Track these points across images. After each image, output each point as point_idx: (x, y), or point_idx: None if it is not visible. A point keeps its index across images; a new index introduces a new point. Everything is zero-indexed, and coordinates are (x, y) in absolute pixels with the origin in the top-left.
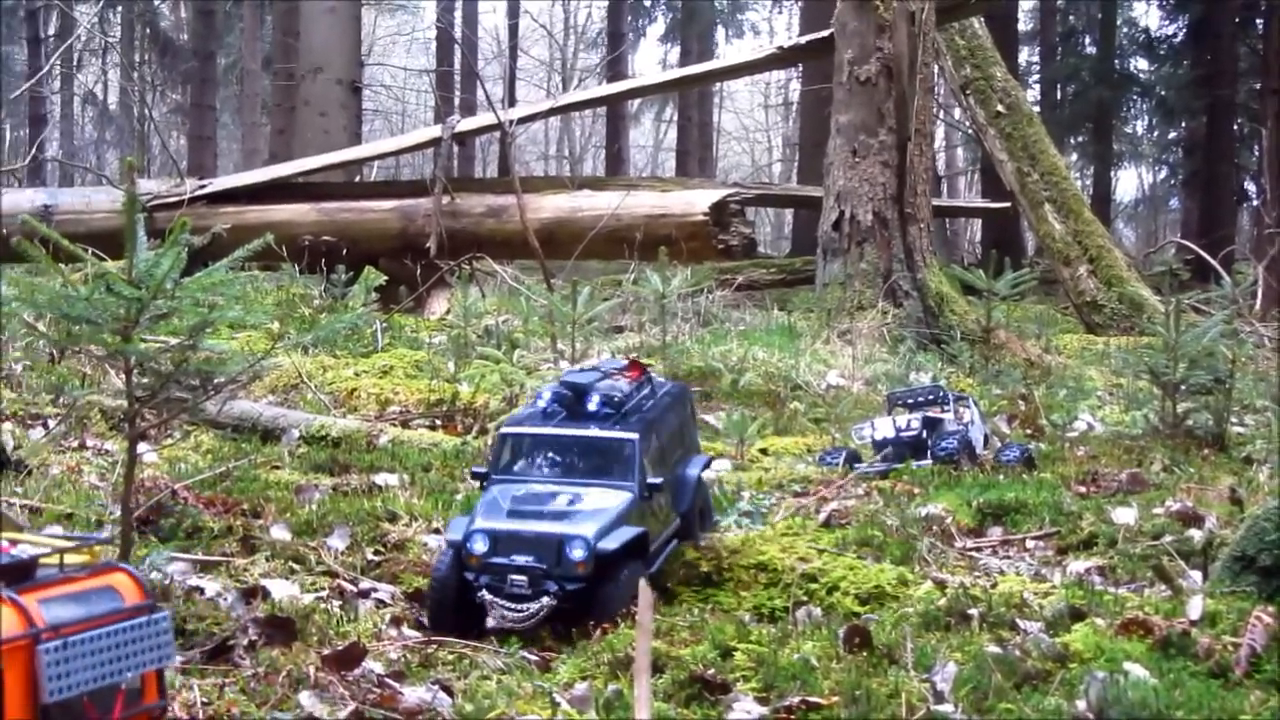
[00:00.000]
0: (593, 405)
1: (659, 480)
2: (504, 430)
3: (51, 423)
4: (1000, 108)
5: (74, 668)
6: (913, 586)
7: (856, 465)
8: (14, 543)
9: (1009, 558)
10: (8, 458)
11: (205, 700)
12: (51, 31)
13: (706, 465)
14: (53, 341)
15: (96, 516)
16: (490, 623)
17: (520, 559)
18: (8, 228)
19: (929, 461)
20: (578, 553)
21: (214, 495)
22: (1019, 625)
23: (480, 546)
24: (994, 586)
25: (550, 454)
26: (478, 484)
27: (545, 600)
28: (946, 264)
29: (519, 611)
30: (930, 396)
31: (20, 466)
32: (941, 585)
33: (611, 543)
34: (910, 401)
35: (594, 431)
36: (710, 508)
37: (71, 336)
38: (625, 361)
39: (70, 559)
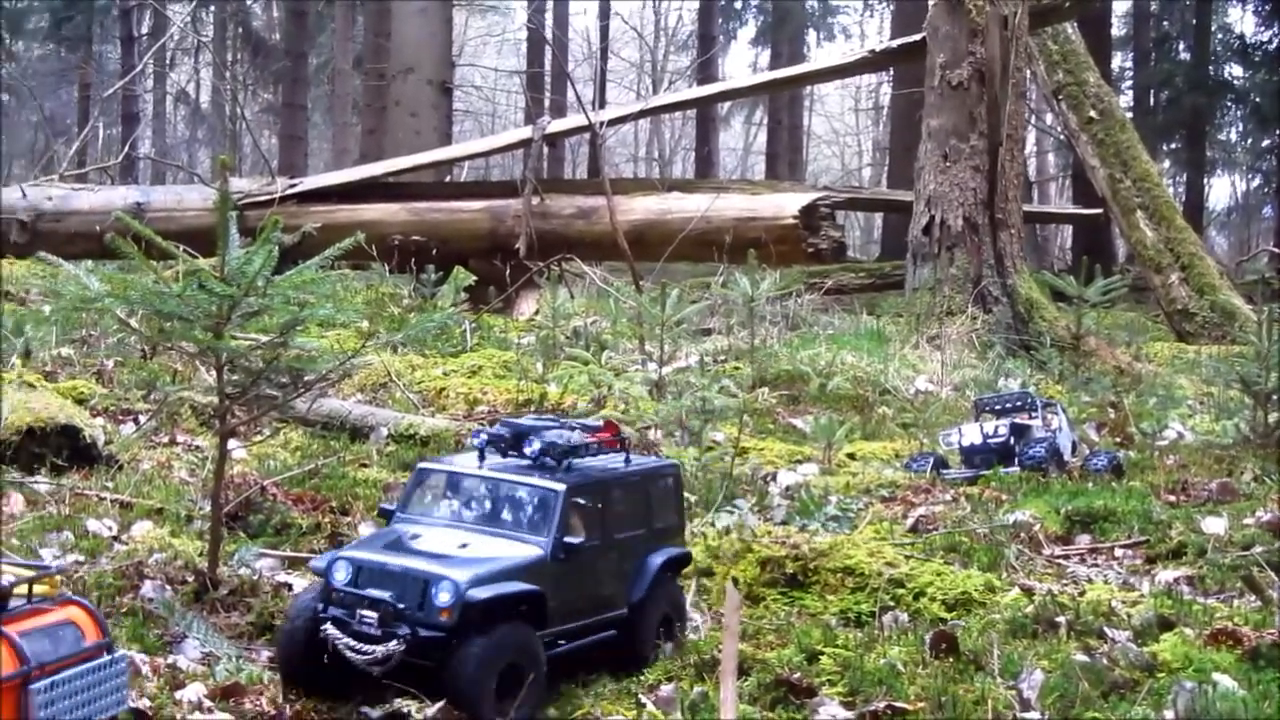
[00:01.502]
0: (529, 451)
1: (578, 541)
2: (419, 465)
3: (143, 418)
4: (1093, 113)
5: (60, 710)
6: (1000, 593)
7: (943, 471)
8: None
9: (1097, 566)
10: (99, 452)
11: (292, 698)
12: (145, 30)
13: (680, 563)
14: (145, 338)
15: (186, 512)
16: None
17: (377, 593)
18: (102, 225)
19: (1016, 468)
20: (443, 596)
21: (302, 492)
22: (1107, 634)
23: (340, 575)
24: (1082, 594)
25: (466, 496)
26: (384, 522)
27: (393, 645)
28: (1036, 270)
29: (363, 654)
30: (1018, 403)
31: (111, 461)
32: (1029, 592)
33: (485, 592)
34: (998, 407)
35: (510, 475)
36: (682, 615)
37: (164, 333)
38: (599, 423)
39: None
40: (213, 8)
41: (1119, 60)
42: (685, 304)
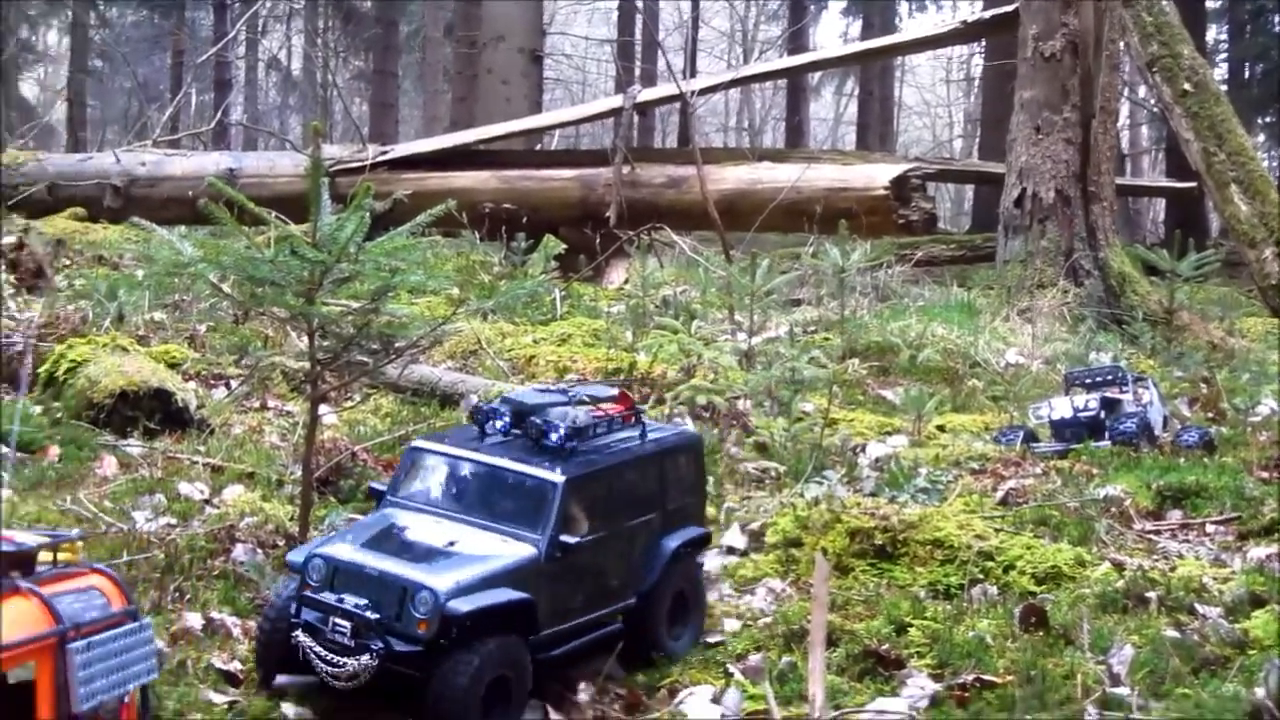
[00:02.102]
0: (533, 432)
1: (576, 540)
2: (412, 445)
3: (234, 383)
4: (1187, 86)
5: (95, 673)
6: (1090, 567)
7: (1033, 445)
8: None
9: (1188, 541)
10: (191, 416)
11: None
12: None
13: (699, 544)
14: (237, 303)
15: (277, 476)
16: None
17: (352, 600)
18: (194, 190)
19: (1107, 443)
20: (421, 608)
21: (393, 458)
22: (1198, 610)
23: (316, 576)
24: (1173, 570)
25: (460, 482)
26: (374, 503)
27: (365, 660)
28: (1129, 244)
29: (334, 667)
30: (1109, 377)
31: (203, 425)
32: (1119, 567)
33: (466, 604)
34: (1088, 381)
35: (507, 462)
36: (701, 605)
37: (255, 298)
38: (614, 391)
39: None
40: None
41: (1214, 33)
42: (775, 274)
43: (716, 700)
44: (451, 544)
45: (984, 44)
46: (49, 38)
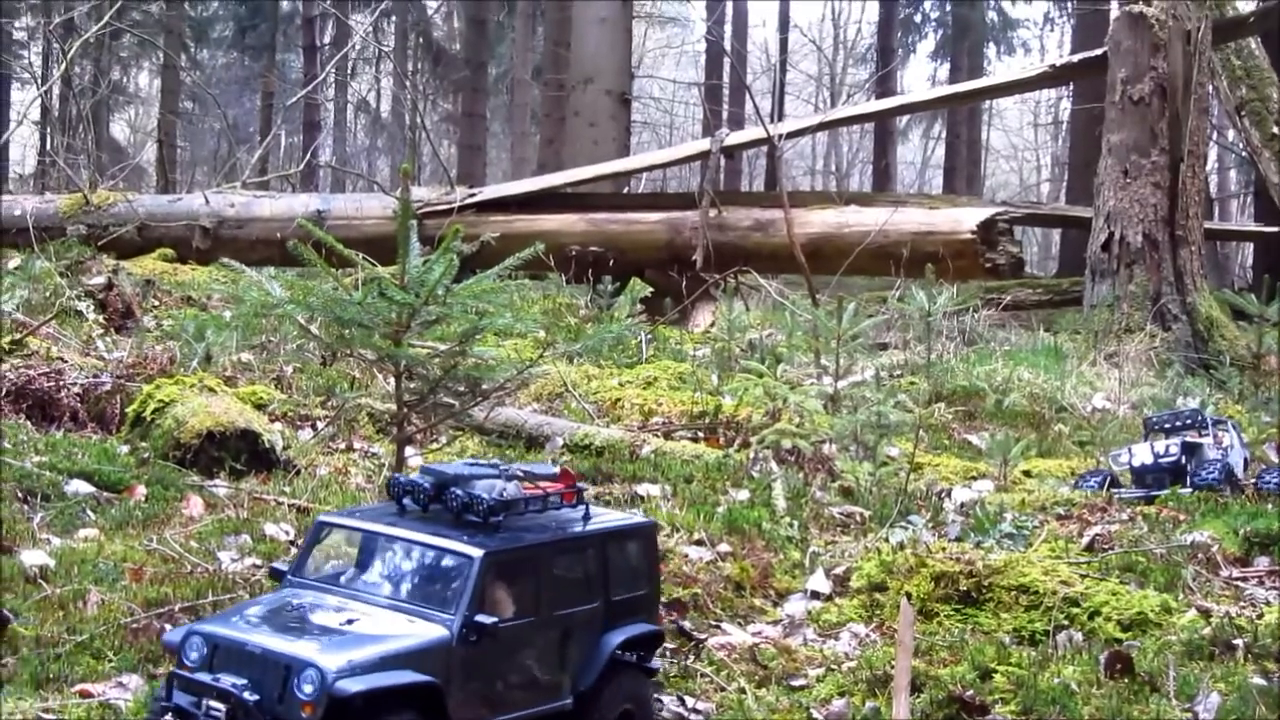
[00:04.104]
0: (453, 505)
1: (494, 621)
2: (319, 518)
3: (320, 424)
4: (1276, 130)
5: None
6: (1176, 614)
7: (1116, 490)
8: None
9: (1276, 588)
10: (277, 457)
11: None
12: (327, 40)
13: (649, 642)
14: (324, 344)
15: None
16: None
17: (229, 680)
18: (283, 232)
19: (1189, 490)
20: (306, 688)
21: None
22: None
23: (194, 654)
24: (1260, 617)
25: (369, 559)
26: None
27: None
28: (1217, 288)
29: None
30: (1189, 420)
31: (289, 466)
32: (1206, 614)
33: (358, 685)
34: (1168, 426)
35: (421, 535)
36: (647, 711)
37: (343, 339)
38: (554, 469)
39: None
40: (394, 17)
41: None
42: (861, 318)
43: None
44: (350, 622)
45: (1072, 87)
46: (140, 79)
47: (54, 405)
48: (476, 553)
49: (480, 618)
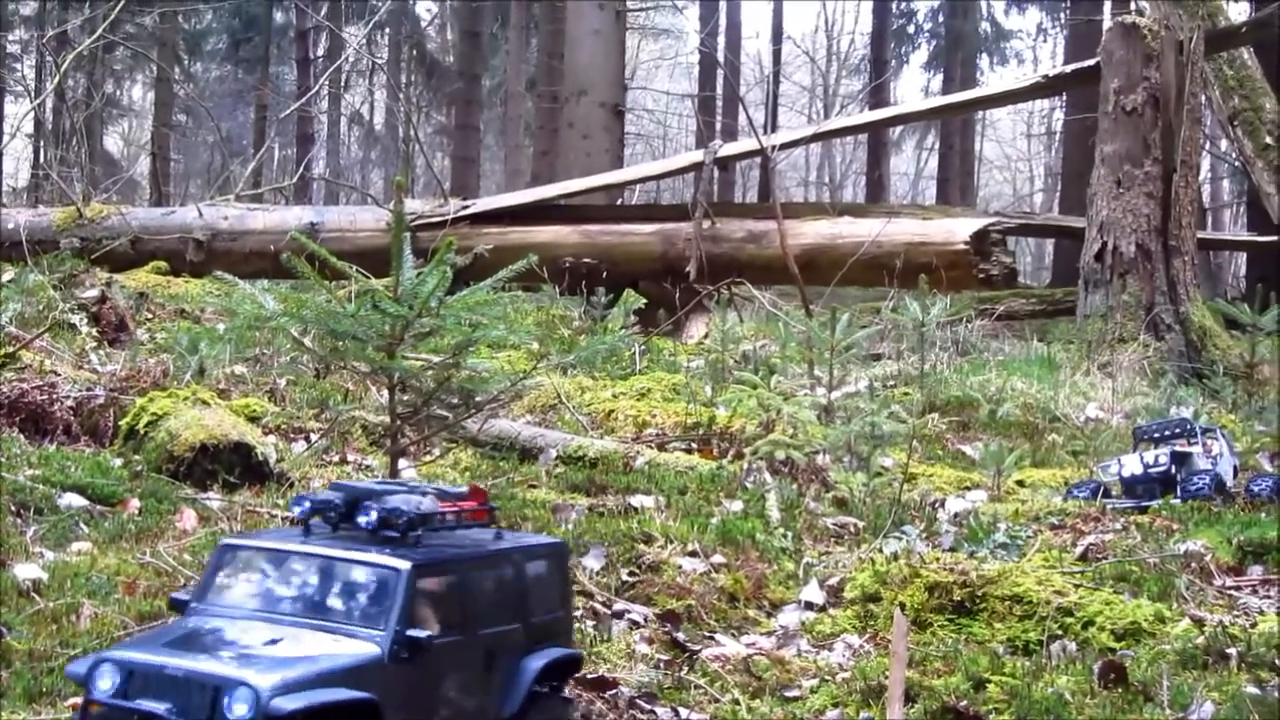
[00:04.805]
0: (365, 520)
1: (427, 635)
2: (222, 542)
3: (314, 437)
4: (1269, 140)
5: None
6: (1170, 624)
7: (1107, 500)
8: None
9: (1269, 597)
10: (271, 470)
11: None
12: (321, 53)
13: (568, 668)
14: (318, 357)
15: None
16: None
17: (150, 706)
18: (277, 244)
19: (1179, 500)
20: (239, 708)
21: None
22: (1279, 666)
23: (105, 684)
24: (1254, 626)
25: (284, 580)
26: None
27: None
28: (1210, 298)
29: None
30: (1177, 430)
31: (283, 479)
32: (1200, 623)
33: (295, 702)
34: (1157, 435)
35: (342, 551)
36: None
37: (336, 352)
38: (464, 488)
39: None
40: (388, 30)
41: None
42: (855, 329)
43: None
44: (273, 643)
45: (1065, 98)
46: (134, 92)
47: (47, 419)
48: (404, 565)
49: (413, 632)
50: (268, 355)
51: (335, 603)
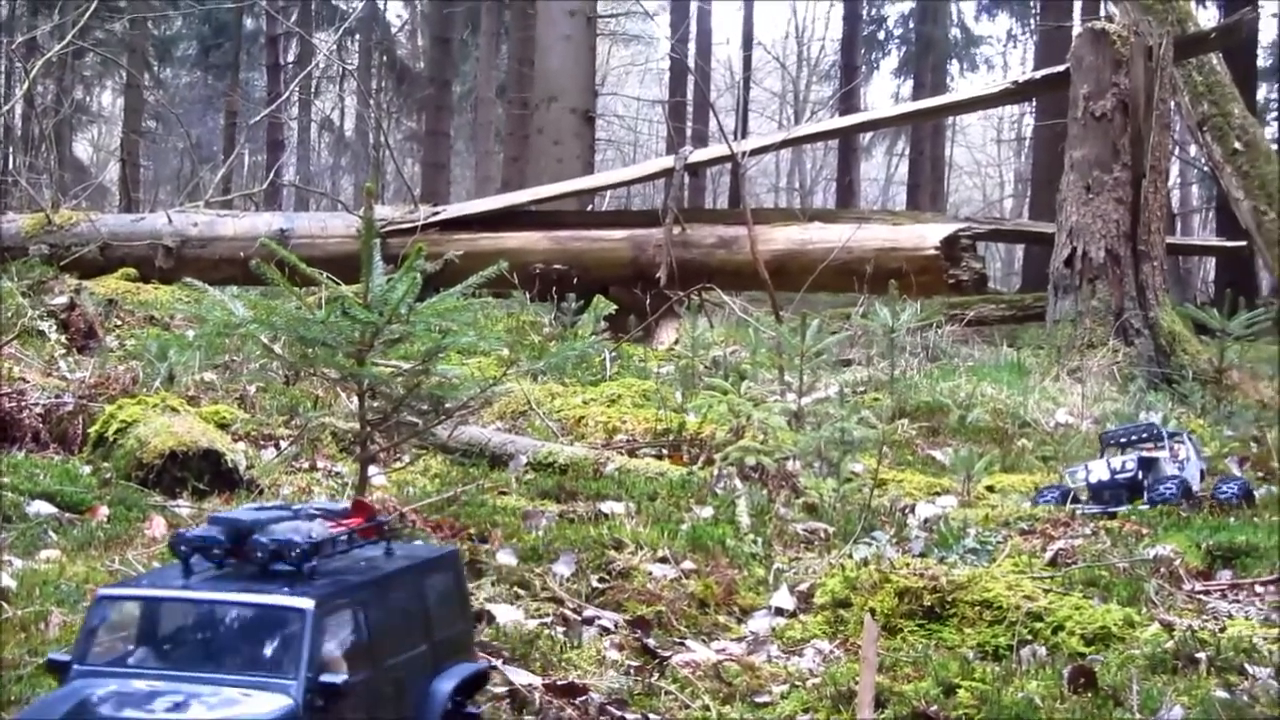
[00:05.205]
0: (257, 556)
1: (342, 680)
2: (100, 594)
3: (284, 444)
4: (1238, 145)
5: None
6: (1139, 628)
7: (1076, 505)
8: None
9: (1238, 601)
10: (241, 477)
11: None
12: (291, 59)
13: (475, 685)
14: (288, 364)
15: None
16: None
17: None
18: (246, 251)
19: (1146, 506)
20: None
21: (442, 519)
22: (1248, 670)
23: None
24: (1223, 630)
25: (174, 631)
26: (55, 679)
27: None
28: (1179, 303)
29: None
30: (1144, 435)
31: (252, 486)
32: (1169, 627)
33: None
34: (1123, 440)
35: (234, 595)
36: None
37: (306, 359)
38: (345, 504)
39: None
40: (358, 36)
41: (1265, 91)
42: (825, 334)
43: None
44: (176, 708)
45: (1035, 104)
46: (103, 98)
47: (15, 426)
48: (307, 604)
49: (326, 678)
50: (237, 362)
51: (236, 653)
